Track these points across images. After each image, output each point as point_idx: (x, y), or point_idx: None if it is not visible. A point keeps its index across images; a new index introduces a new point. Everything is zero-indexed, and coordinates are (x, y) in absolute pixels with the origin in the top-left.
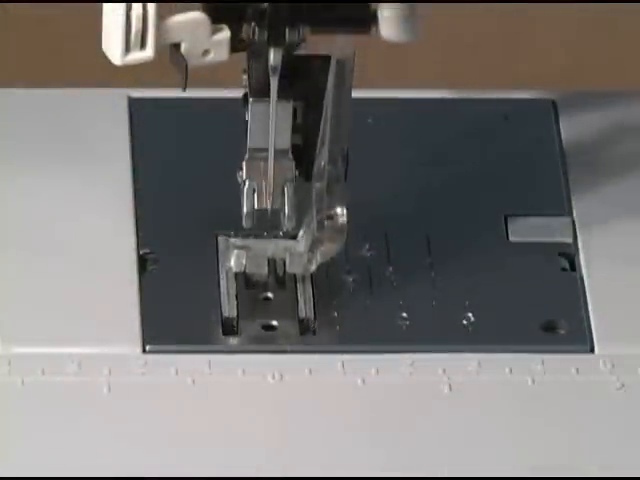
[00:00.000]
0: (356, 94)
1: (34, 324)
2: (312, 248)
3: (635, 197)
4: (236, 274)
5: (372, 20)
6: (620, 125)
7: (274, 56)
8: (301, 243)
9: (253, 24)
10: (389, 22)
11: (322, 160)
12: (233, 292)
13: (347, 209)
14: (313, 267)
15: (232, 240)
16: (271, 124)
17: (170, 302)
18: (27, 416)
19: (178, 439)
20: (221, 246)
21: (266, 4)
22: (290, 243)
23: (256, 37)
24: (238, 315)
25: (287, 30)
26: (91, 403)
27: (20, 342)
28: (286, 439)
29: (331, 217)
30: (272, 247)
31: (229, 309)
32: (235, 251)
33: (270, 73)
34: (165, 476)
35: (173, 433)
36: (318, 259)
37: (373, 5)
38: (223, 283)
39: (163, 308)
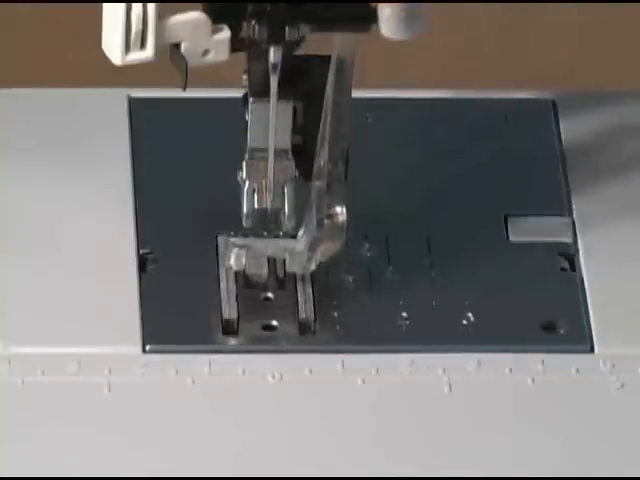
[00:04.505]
0: (356, 94)
1: (34, 324)
2: (312, 247)
3: (635, 197)
4: (236, 274)
5: (372, 18)
6: (620, 125)
7: (274, 54)
8: (301, 242)
9: (253, 23)
10: (389, 20)
11: (322, 160)
12: (233, 292)
13: (347, 208)
14: (313, 266)
15: (232, 239)
16: (271, 124)
17: (170, 302)
18: (27, 416)
19: (178, 439)
20: (221, 245)
21: (266, 3)
22: (290, 242)
23: (256, 36)
24: (238, 315)
25: (287, 28)
26: (91, 403)
27: (20, 342)
28: (286, 439)
29: (331, 216)
30: (272, 246)
31: (229, 309)
32: (235, 250)
33: (270, 71)
34: (165, 476)
35: (173, 433)
36: (318, 258)
37: (373, 3)
38: (223, 283)
39: (163, 308)
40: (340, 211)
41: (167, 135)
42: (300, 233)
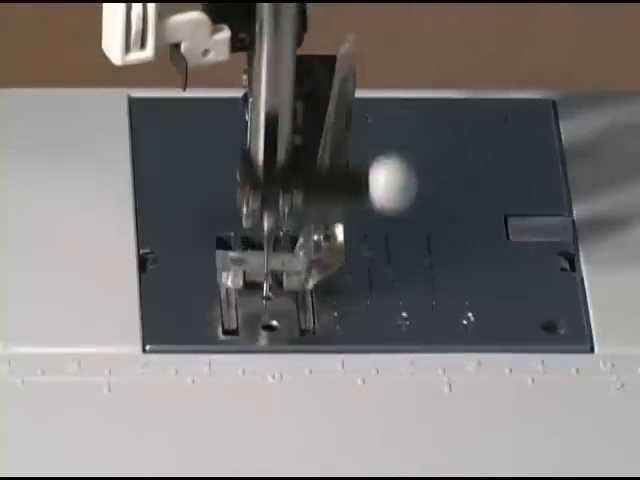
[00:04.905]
0: (356, 94)
1: (34, 324)
2: (309, 269)
3: (635, 197)
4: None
5: (366, 191)
6: (620, 125)
7: (267, 221)
8: (298, 259)
9: (248, 193)
10: (382, 194)
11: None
12: (233, 292)
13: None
14: (310, 285)
15: (230, 254)
16: None
17: (170, 302)
18: (27, 416)
19: (178, 439)
20: (219, 262)
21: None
22: (288, 257)
23: (250, 204)
24: (238, 315)
25: (280, 197)
26: (91, 403)
27: (20, 342)
28: (286, 439)
29: (328, 237)
30: (270, 261)
31: (229, 309)
32: (232, 269)
33: (264, 239)
34: (165, 476)
35: (173, 433)
36: (316, 277)
37: (366, 175)
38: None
39: (163, 308)
40: (338, 231)
41: (167, 135)
42: (297, 246)
